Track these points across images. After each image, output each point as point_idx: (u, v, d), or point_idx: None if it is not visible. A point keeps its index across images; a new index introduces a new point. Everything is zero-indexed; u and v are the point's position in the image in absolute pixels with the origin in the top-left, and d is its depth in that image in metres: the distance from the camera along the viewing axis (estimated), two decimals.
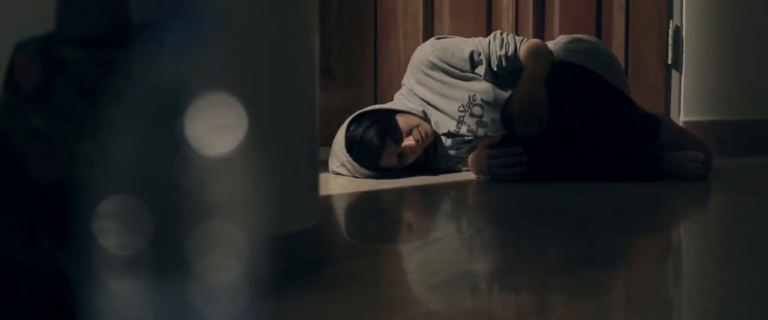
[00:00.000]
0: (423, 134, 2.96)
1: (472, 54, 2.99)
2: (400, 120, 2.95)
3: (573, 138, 2.70)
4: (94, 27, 0.84)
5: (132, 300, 0.53)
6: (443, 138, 3.09)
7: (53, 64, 0.83)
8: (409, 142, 2.93)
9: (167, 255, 0.52)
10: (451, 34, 3.58)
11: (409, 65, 3.16)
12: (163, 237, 0.52)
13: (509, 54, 2.92)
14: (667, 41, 3.75)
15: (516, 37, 2.99)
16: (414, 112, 3.05)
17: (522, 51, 2.91)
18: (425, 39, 3.54)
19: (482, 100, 2.99)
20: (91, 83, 0.83)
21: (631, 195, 2.48)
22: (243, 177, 0.54)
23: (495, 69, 2.97)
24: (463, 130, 3.05)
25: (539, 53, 2.89)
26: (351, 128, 2.97)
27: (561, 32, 3.53)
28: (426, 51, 3.09)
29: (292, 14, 1.29)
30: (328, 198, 2.48)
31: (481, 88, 3.00)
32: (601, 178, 2.68)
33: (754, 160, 3.50)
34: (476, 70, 3.01)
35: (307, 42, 1.33)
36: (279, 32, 1.25)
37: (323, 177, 2.06)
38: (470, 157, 2.90)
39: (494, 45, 2.96)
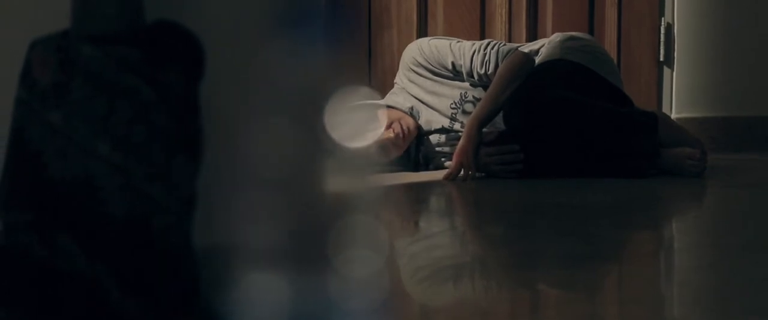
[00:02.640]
0: (404, 127, 2.96)
1: (453, 64, 2.99)
2: (381, 113, 2.95)
3: (571, 134, 2.71)
4: (109, 24, 0.85)
5: (274, 293, 0.53)
6: (437, 135, 3.10)
7: (69, 61, 0.83)
8: (387, 134, 2.93)
9: (309, 249, 0.52)
10: (445, 32, 3.59)
11: (400, 63, 3.17)
12: (306, 231, 0.52)
13: (489, 72, 2.92)
14: (659, 38, 3.77)
15: (501, 49, 2.95)
16: (399, 107, 3.06)
17: (497, 71, 2.89)
18: (419, 36, 3.55)
19: (474, 97, 3.00)
20: (107, 81, 0.83)
21: (628, 191, 2.49)
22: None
23: (476, 82, 2.98)
24: (457, 126, 3.06)
25: (505, 78, 2.83)
26: None
27: (554, 29, 3.55)
28: (413, 51, 3.09)
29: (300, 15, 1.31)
30: None
31: (473, 85, 3.02)
32: (598, 175, 2.70)
33: (746, 155, 3.51)
34: (458, 77, 3.02)
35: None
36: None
37: None
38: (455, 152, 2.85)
39: (476, 60, 2.95)
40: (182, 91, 0.87)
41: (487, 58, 2.93)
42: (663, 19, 3.77)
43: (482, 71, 2.93)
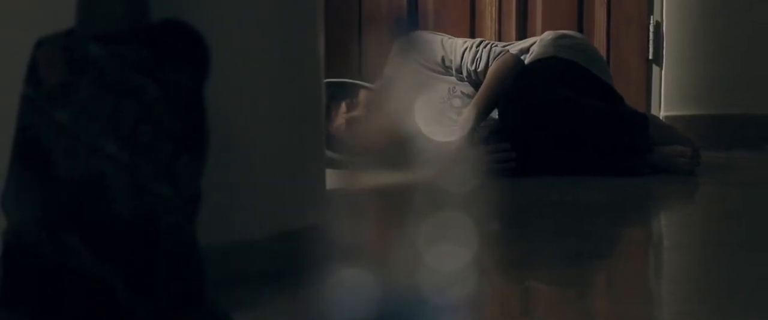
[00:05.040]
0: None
1: (443, 59, 2.99)
2: (363, 93, 2.94)
3: (563, 133, 2.72)
4: (115, 24, 0.84)
5: (360, 288, 0.53)
6: None
7: (76, 60, 0.83)
8: (361, 112, 2.91)
9: (396, 244, 0.52)
10: (435, 28, 3.59)
11: (389, 56, 3.16)
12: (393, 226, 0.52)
13: (479, 70, 2.92)
14: (648, 36, 3.78)
15: (493, 49, 2.95)
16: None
17: (488, 72, 2.90)
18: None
19: (461, 92, 3.00)
20: (113, 80, 0.83)
21: (622, 190, 2.50)
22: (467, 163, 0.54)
23: (465, 79, 2.98)
24: (445, 121, 3.06)
25: (496, 78, 2.85)
26: None
27: (544, 27, 3.55)
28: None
29: (301, 15, 1.32)
30: None
31: (460, 80, 3.02)
32: (592, 173, 2.70)
33: (736, 153, 3.53)
34: (447, 73, 3.02)
35: (314, 40, 1.35)
36: (289, 31, 1.27)
37: None
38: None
39: (467, 57, 2.95)
40: (188, 90, 0.86)
41: (478, 55, 2.93)
42: (652, 17, 3.79)
43: (472, 68, 2.93)
